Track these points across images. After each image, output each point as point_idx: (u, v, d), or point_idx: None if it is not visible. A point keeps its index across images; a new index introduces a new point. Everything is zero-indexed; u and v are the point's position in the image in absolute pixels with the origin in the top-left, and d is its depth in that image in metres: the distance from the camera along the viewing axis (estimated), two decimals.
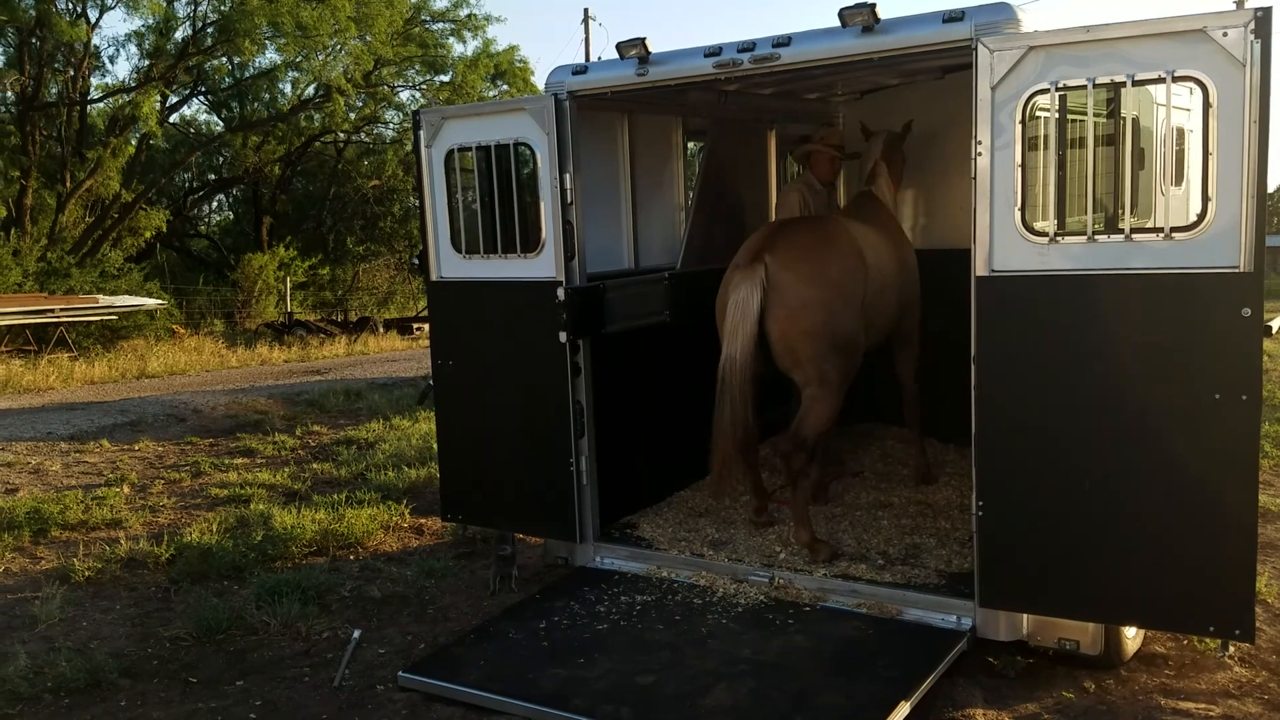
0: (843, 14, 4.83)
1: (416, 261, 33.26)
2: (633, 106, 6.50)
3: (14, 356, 19.92)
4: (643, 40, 5.44)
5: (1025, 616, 4.79)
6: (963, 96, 4.82)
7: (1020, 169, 4.42)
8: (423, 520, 7.87)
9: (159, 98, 27.25)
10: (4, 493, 9.13)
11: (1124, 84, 4.21)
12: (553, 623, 5.29)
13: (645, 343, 6.43)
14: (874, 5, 4.77)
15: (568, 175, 5.71)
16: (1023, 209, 4.43)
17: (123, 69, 56.32)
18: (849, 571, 5.47)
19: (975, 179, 4.50)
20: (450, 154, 6.11)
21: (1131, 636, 4.92)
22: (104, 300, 22.46)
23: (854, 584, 5.33)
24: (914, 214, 8.08)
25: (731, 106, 6.86)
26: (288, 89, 31.16)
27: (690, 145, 7.62)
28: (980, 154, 4.47)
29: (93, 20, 25.76)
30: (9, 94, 26.20)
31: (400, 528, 7.70)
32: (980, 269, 4.51)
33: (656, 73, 5.49)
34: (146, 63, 26.84)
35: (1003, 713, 4.50)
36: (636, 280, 6.47)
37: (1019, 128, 4.41)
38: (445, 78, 30.75)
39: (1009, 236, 4.45)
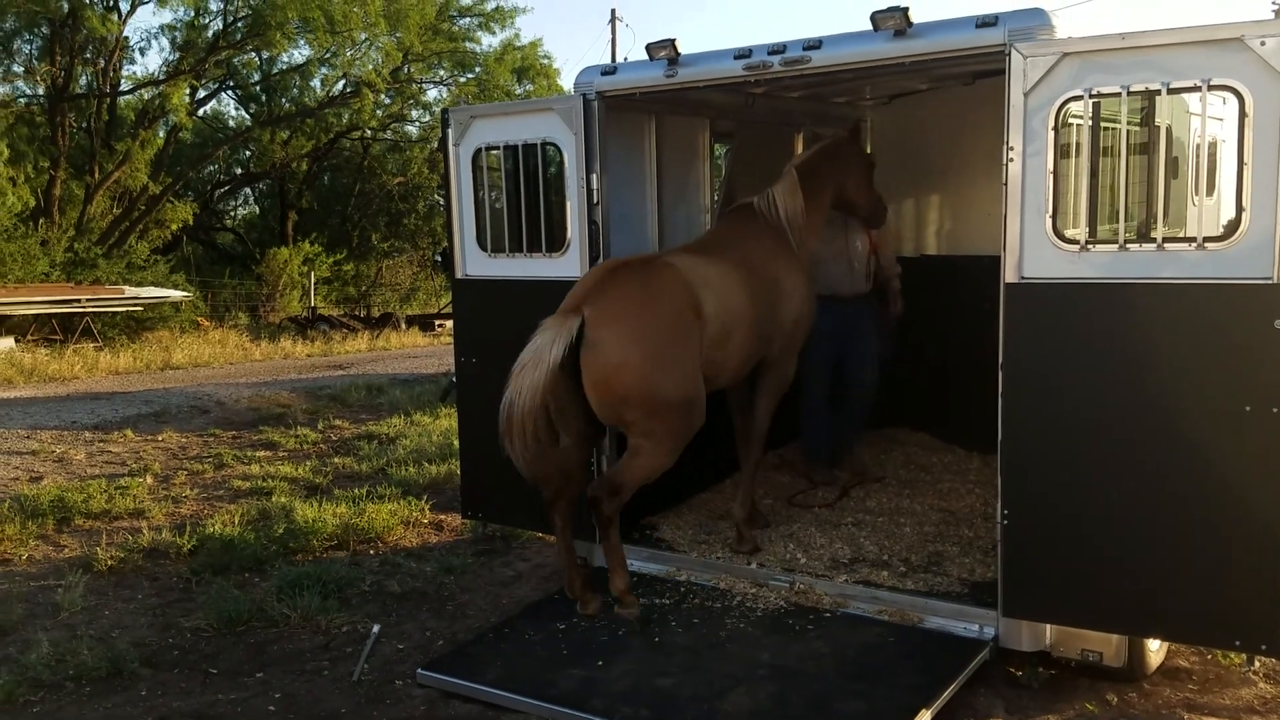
0: (875, 17, 4.81)
1: (439, 259, 33.41)
2: (660, 108, 6.49)
3: (40, 345, 20.11)
4: (672, 41, 5.43)
5: (1048, 627, 4.74)
6: (992, 102, 4.79)
7: (1052, 176, 4.39)
8: (442, 516, 7.88)
9: (188, 90, 27.43)
10: (28, 481, 9.21)
11: (1159, 92, 4.17)
12: (571, 623, 5.29)
13: None
14: (906, 9, 4.74)
15: (594, 175, 5.70)
16: (1054, 216, 4.40)
17: (153, 61, 56.80)
18: (870, 578, 5.44)
19: (1006, 185, 4.47)
20: (478, 153, 6.12)
21: (1155, 649, 4.87)
22: (130, 291, 22.65)
23: (875, 591, 5.29)
24: (940, 219, 8.04)
25: (759, 109, 6.83)
26: (317, 85, 31.35)
27: (716, 147, 7.60)
28: (1012, 160, 4.44)
29: (124, 12, 25.98)
30: (39, 85, 26.44)
31: (420, 524, 7.72)
32: (1010, 275, 4.48)
33: (685, 74, 5.47)
34: (177, 55, 27.04)
35: None
36: None
37: (1051, 134, 4.37)
38: (472, 74, 30.85)
39: (1039, 243, 4.42)
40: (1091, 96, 4.29)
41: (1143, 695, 4.69)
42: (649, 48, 5.49)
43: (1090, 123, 4.32)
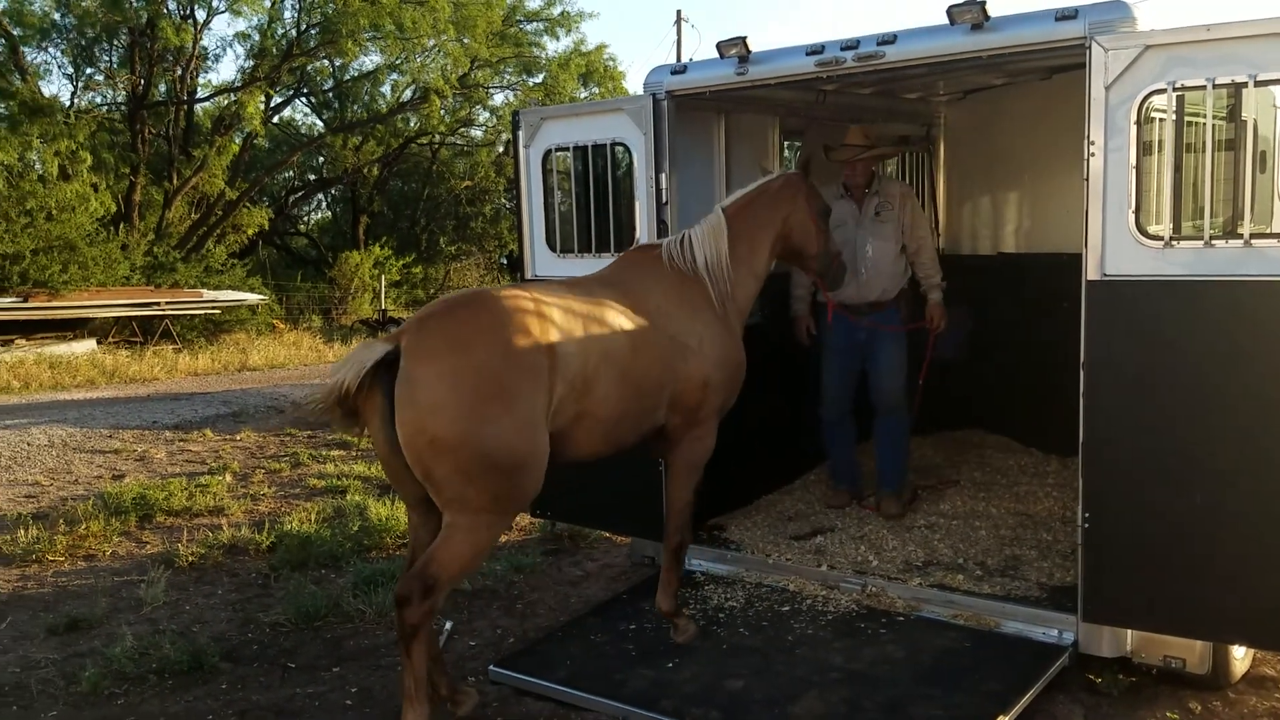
0: (951, 11, 4.73)
1: (505, 261, 33.73)
2: (729, 106, 6.46)
3: (121, 347, 20.68)
4: (743, 39, 5.41)
5: (1129, 632, 4.63)
6: (1071, 97, 4.69)
7: (1135, 171, 4.29)
8: None
9: (263, 98, 28.01)
10: (111, 479, 9.47)
11: (1245, 85, 4.06)
12: (640, 623, 5.29)
13: None
14: (984, 2, 4.66)
15: (663, 175, 5.70)
16: (1136, 212, 4.30)
17: (228, 69, 58.37)
18: (945, 581, 5.36)
19: (1087, 180, 4.37)
20: (548, 154, 6.15)
21: (1240, 657, 4.73)
22: (208, 295, 23.22)
23: (950, 594, 5.21)
24: (1018, 216, 7.91)
25: (829, 106, 6.77)
26: (387, 91, 31.84)
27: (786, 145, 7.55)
28: (1093, 155, 4.35)
29: (200, 21, 26.61)
30: (120, 92, 27.19)
31: None
32: (1091, 273, 4.38)
33: (756, 72, 5.44)
34: (251, 63, 27.64)
35: None
36: None
37: (1134, 129, 4.27)
38: (538, 79, 31.09)
39: (1122, 240, 4.32)
40: (1175, 90, 4.18)
41: (1227, 704, 4.56)
42: (720, 46, 5.48)
43: (1174, 117, 4.21)
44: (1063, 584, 5.20)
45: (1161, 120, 4.27)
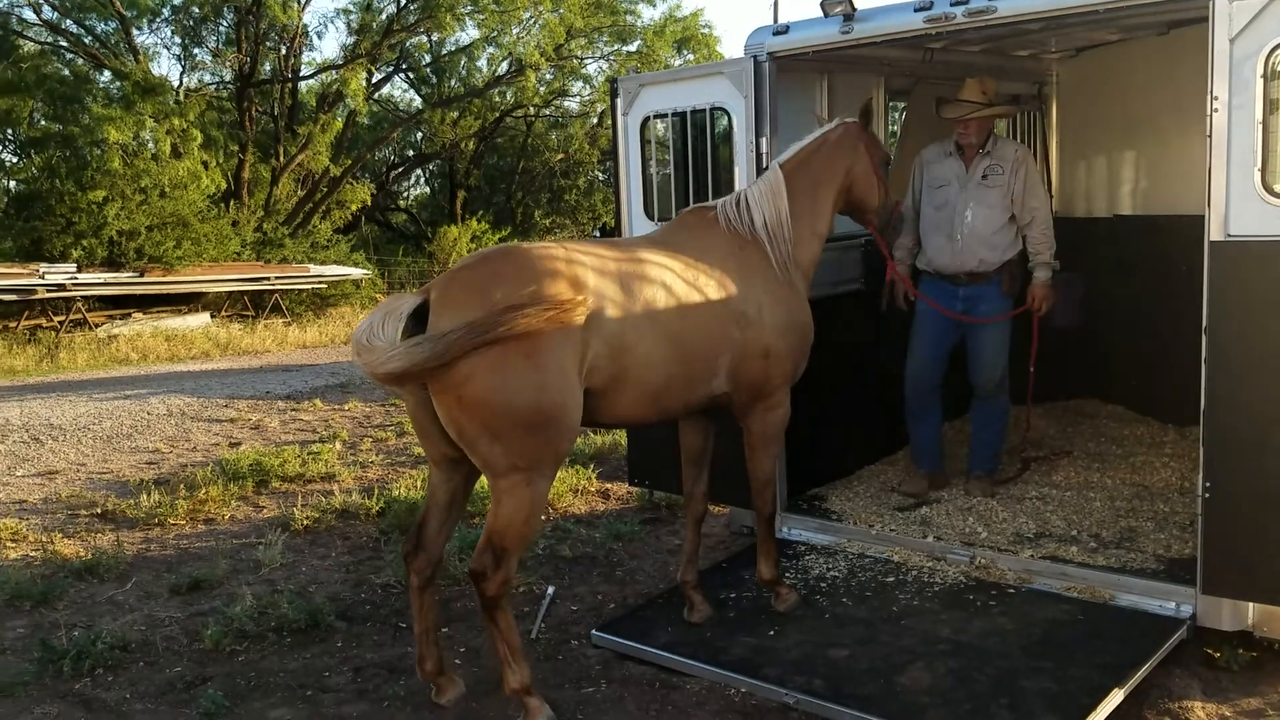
0: None
1: (599, 234, 33.83)
2: (833, 66, 6.33)
3: (234, 321, 21.38)
4: None
5: (1251, 605, 4.46)
6: (1189, 53, 4.49)
7: (1261, 127, 4.09)
8: (609, 485, 7.99)
9: (364, 75, 28.47)
10: (229, 446, 9.82)
11: None
12: (740, 591, 5.28)
13: (837, 311, 6.12)
14: None
15: (764, 139, 5.63)
16: (1263, 170, 4.10)
17: (329, 46, 59.54)
18: (1057, 553, 5.23)
19: (1211, 137, 4.19)
20: (646, 121, 6.13)
21: None
22: (314, 270, 23.84)
23: (1063, 566, 5.08)
24: (1135, 177, 7.61)
25: (936, 65, 6.59)
26: (483, 65, 32.07)
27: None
28: (1216, 110, 4.16)
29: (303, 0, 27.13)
30: (227, 71, 27.91)
31: (588, 491, 7.84)
32: (1215, 233, 4.21)
33: (862, 30, 5.33)
34: (353, 40, 28.09)
35: (1223, 706, 4.22)
36: (830, 246, 6.30)
37: (1260, 83, 4.08)
38: (632, 47, 30.97)
39: (1247, 199, 4.13)
40: None
41: None
42: (824, 4, 5.38)
43: None
44: (1180, 556, 5.04)
45: None
